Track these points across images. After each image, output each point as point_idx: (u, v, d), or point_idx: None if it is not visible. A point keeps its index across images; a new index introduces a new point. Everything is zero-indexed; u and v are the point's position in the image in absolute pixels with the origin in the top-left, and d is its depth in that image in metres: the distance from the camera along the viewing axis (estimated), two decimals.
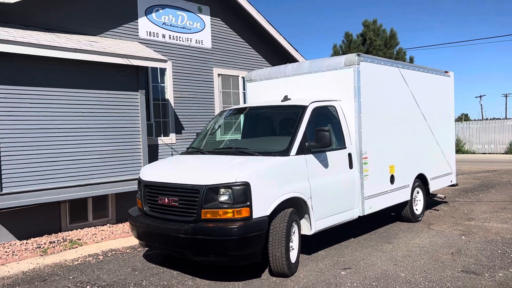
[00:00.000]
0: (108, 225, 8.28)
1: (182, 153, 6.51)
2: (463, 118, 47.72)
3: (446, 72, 9.23)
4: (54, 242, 7.08)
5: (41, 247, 6.82)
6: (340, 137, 6.22)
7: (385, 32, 22.48)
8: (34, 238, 7.32)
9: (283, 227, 4.99)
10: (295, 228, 5.33)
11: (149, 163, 8.30)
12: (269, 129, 6.71)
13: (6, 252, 6.57)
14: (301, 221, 5.57)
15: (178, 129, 9.80)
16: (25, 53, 6.57)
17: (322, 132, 5.43)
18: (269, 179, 5.00)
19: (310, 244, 6.30)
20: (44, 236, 7.43)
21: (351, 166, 6.27)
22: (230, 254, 4.71)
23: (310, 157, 5.56)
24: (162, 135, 9.49)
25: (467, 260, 5.61)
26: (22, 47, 6.49)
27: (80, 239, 7.25)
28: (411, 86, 7.77)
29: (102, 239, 7.32)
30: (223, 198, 4.75)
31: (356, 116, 6.38)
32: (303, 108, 5.86)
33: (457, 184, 9.84)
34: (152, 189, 5.38)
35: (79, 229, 7.91)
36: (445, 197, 9.42)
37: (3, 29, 6.76)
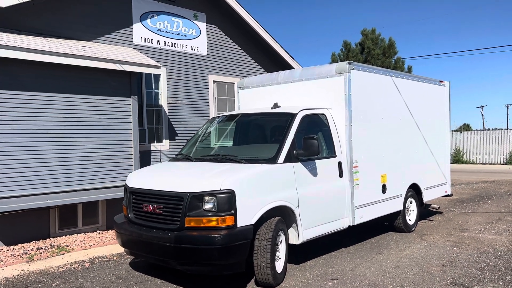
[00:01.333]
0: (98, 231, 8.19)
1: (170, 160, 6.46)
2: (465, 128, 47.64)
3: (441, 81, 9.18)
4: (41, 248, 7.00)
5: (28, 253, 6.74)
6: (330, 146, 6.16)
7: (383, 41, 22.49)
8: (21, 244, 7.24)
9: (268, 236, 4.90)
10: (282, 238, 5.24)
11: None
12: (259, 136, 6.65)
13: None
14: (288, 230, 5.48)
15: (172, 136, 9.75)
16: (15, 58, 6.54)
17: (311, 140, 5.37)
18: (255, 187, 4.93)
19: (299, 254, 6.21)
20: (32, 242, 7.35)
21: (341, 175, 6.19)
22: (214, 263, 4.63)
23: (298, 165, 5.49)
24: (155, 141, 9.43)
25: (457, 272, 5.51)
26: (12, 51, 6.46)
27: (68, 246, 7.16)
28: (404, 95, 7.71)
29: (91, 245, 7.24)
30: (208, 206, 4.68)
31: (347, 125, 6.32)
32: (292, 115, 5.81)
33: (452, 195, 9.75)
34: (137, 196, 5.31)
35: (68, 236, 7.83)
36: (439, 207, 9.32)
37: None
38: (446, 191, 9.18)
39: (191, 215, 4.69)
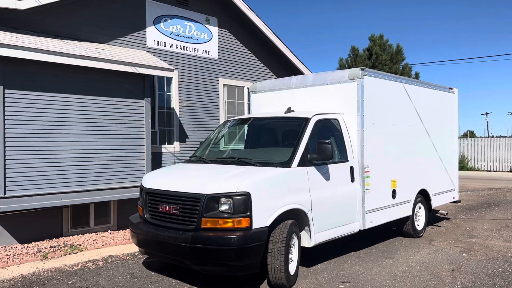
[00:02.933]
0: (109, 231, 8.30)
1: (185, 162, 6.56)
2: (469, 135, 47.56)
3: (450, 88, 9.25)
4: (55, 246, 7.11)
5: (42, 251, 6.85)
6: (342, 150, 6.25)
7: (391, 47, 22.59)
8: (35, 242, 7.35)
9: (282, 238, 4.99)
10: (294, 240, 5.33)
11: (152, 170, 8.36)
12: (272, 140, 6.75)
13: (7, 255, 6.60)
14: (301, 233, 5.57)
15: (182, 138, 9.86)
16: (34, 59, 6.68)
17: (324, 144, 5.46)
18: (270, 190, 5.02)
19: (310, 257, 6.28)
20: (45, 241, 7.46)
21: (352, 180, 6.27)
22: (229, 264, 4.72)
23: (312, 169, 5.58)
24: (166, 143, 9.55)
25: (467, 277, 5.58)
26: (32, 53, 6.59)
27: (81, 245, 7.27)
28: (414, 102, 7.80)
29: (103, 245, 7.34)
30: (224, 207, 4.77)
31: (359, 130, 6.41)
32: (306, 120, 5.90)
33: (459, 201, 9.80)
34: (153, 197, 5.42)
35: (80, 235, 7.94)
36: (447, 213, 9.37)
37: (14, 35, 6.88)
38: (454, 197, 9.24)
39: (208, 216, 4.78)
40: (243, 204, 4.73)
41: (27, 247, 7.07)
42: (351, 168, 6.27)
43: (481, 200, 13.23)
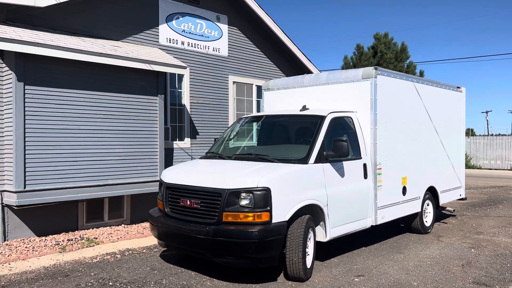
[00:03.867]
0: (123, 225, 8.45)
1: (201, 158, 6.70)
2: (470, 133, 47.76)
3: (458, 87, 9.40)
4: (71, 240, 7.27)
5: (60, 244, 7.00)
6: (356, 148, 6.39)
7: (396, 46, 22.72)
8: (52, 235, 7.51)
9: (300, 232, 5.15)
10: (311, 235, 5.49)
11: (165, 166, 8.51)
12: (286, 137, 6.89)
13: (26, 247, 6.76)
14: (316, 228, 5.73)
15: (193, 134, 10.00)
16: (54, 56, 6.81)
17: (341, 142, 5.61)
18: (288, 186, 5.18)
19: (323, 251, 6.44)
20: (61, 234, 7.62)
21: (365, 176, 6.43)
22: (250, 256, 4.87)
23: (328, 166, 5.73)
24: (177, 139, 9.69)
25: (478, 272, 5.74)
26: (51, 50, 6.73)
27: (96, 238, 7.42)
28: (424, 100, 7.94)
29: (118, 238, 7.49)
30: (244, 202, 4.93)
31: (372, 128, 6.55)
32: (322, 118, 6.05)
33: (466, 198, 9.97)
34: (174, 191, 5.57)
35: (95, 228, 8.09)
36: (454, 210, 9.53)
37: (33, 32, 7.01)
38: (460, 195, 9.40)
39: (229, 211, 4.94)
40: (263, 199, 4.88)
41: (45, 240, 7.22)
42: (364, 165, 6.42)
43: (485, 197, 13.40)
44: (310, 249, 5.48)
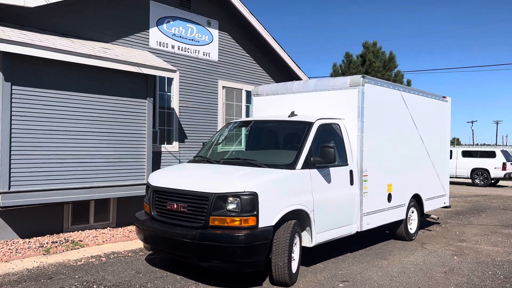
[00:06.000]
0: (108, 228, 8.39)
1: (189, 161, 6.71)
2: (455, 142, 48.47)
3: (444, 97, 9.57)
4: (56, 242, 7.19)
5: (44, 246, 6.93)
6: (343, 154, 6.47)
7: (384, 55, 23.04)
8: (36, 237, 7.43)
9: (286, 237, 5.18)
10: (297, 240, 5.53)
11: (152, 169, 8.49)
12: (274, 142, 6.94)
13: (9, 249, 6.67)
14: (302, 233, 5.77)
15: (182, 138, 10.00)
16: (42, 57, 6.77)
17: (328, 148, 5.68)
18: (275, 191, 5.21)
19: (309, 257, 6.48)
20: (46, 236, 7.54)
21: (352, 183, 6.50)
22: (236, 260, 4.89)
23: (315, 172, 5.79)
24: (165, 142, 9.67)
25: (460, 279, 5.83)
26: (40, 51, 6.69)
27: (82, 241, 7.36)
28: (410, 109, 8.07)
29: (103, 241, 7.44)
30: (231, 206, 4.95)
31: (359, 135, 6.64)
32: (310, 124, 6.11)
33: (450, 206, 10.12)
34: (161, 195, 5.56)
35: (80, 231, 8.02)
36: (438, 218, 9.66)
37: (22, 32, 6.96)
38: (445, 203, 9.55)
39: (216, 215, 4.96)
40: (250, 203, 4.91)
41: (29, 242, 7.14)
42: (351, 171, 6.50)
43: (468, 206, 13.60)
44: (296, 254, 5.51)
